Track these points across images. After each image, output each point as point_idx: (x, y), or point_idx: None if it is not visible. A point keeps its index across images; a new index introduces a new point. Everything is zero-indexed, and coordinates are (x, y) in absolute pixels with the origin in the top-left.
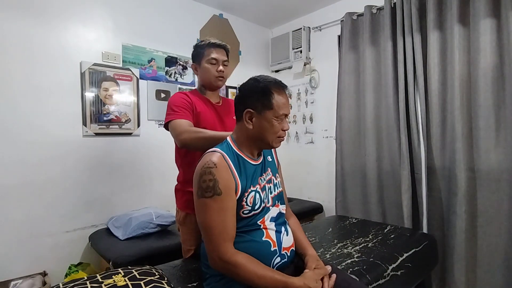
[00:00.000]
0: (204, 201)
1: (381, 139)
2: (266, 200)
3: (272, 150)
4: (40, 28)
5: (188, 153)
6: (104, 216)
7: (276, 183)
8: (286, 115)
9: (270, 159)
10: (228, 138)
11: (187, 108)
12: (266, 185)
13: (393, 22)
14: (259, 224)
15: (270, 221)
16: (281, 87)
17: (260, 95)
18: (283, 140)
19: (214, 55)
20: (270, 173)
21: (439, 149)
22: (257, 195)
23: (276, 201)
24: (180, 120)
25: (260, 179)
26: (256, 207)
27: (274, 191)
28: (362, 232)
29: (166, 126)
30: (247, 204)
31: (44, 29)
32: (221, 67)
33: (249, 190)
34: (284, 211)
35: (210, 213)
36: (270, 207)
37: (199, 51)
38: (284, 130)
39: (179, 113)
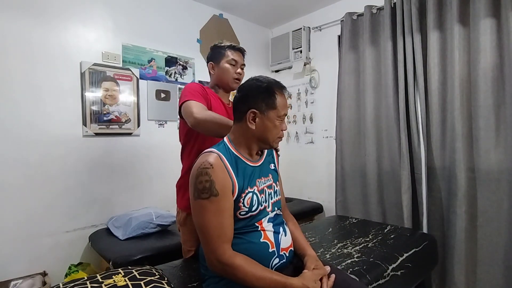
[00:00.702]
0: (201, 203)
1: (381, 139)
2: (266, 204)
3: (275, 157)
4: (40, 28)
5: (197, 142)
6: (104, 216)
7: (276, 190)
8: (285, 115)
9: (273, 167)
10: (225, 139)
11: (204, 97)
12: (266, 189)
13: (393, 22)
14: (257, 225)
15: (268, 222)
16: (282, 87)
17: (265, 96)
18: (281, 140)
19: (234, 57)
20: (271, 179)
21: (439, 149)
22: (254, 196)
23: (275, 208)
24: (196, 101)
25: (258, 181)
26: (253, 208)
27: (275, 197)
28: (362, 232)
29: (180, 111)
30: (244, 205)
31: (44, 29)
32: (239, 70)
33: (246, 191)
34: (280, 213)
35: (207, 215)
36: (269, 212)
37: (219, 51)
38: (283, 131)
39: (196, 96)
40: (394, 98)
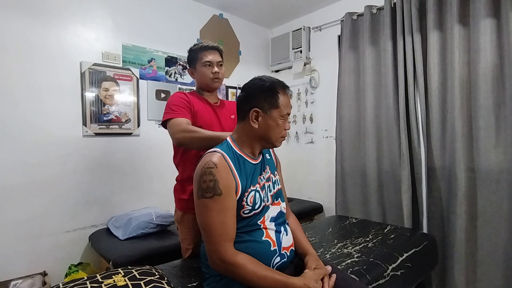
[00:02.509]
0: (204, 202)
1: (381, 139)
2: (265, 199)
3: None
4: (40, 28)
5: (186, 151)
6: (104, 216)
7: (275, 180)
8: (288, 115)
9: (269, 157)
10: (228, 138)
11: (185, 107)
12: (265, 183)
13: (393, 22)
14: (259, 224)
15: (270, 221)
16: (285, 87)
17: (268, 95)
18: (284, 140)
19: (208, 58)
20: (269, 171)
21: (439, 149)
22: (257, 194)
23: (275, 199)
24: (178, 118)
25: (260, 178)
26: (256, 206)
27: (273, 188)
28: (362, 232)
29: (164, 125)
30: (247, 204)
31: (44, 29)
32: (216, 69)
33: (249, 190)
34: (284, 210)
35: (210, 214)
36: (270, 206)
37: (193, 56)
38: (286, 130)
39: (177, 112)
40: (394, 98)
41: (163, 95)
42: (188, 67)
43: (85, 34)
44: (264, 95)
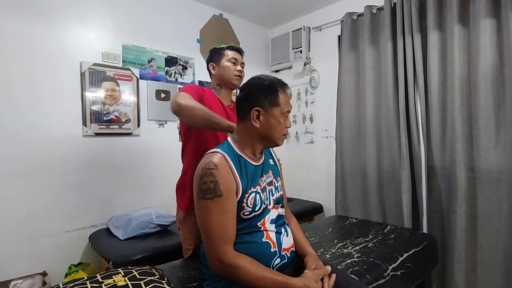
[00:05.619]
0: (204, 203)
1: (381, 139)
2: (267, 202)
3: (272, 152)
4: (40, 28)
5: (192, 144)
6: (104, 216)
7: (277, 186)
8: (289, 112)
9: (272, 162)
10: (229, 139)
11: (197, 93)
12: (267, 186)
13: (393, 22)
14: (259, 225)
15: (270, 223)
16: (284, 85)
17: (268, 93)
18: (286, 138)
19: (234, 56)
20: (272, 175)
21: (439, 149)
22: (258, 196)
23: (276, 204)
24: (185, 93)
25: (261, 180)
26: (257, 208)
27: (276, 193)
28: (362, 232)
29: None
30: (247, 205)
31: (44, 29)
32: (240, 67)
33: (250, 191)
34: (283, 214)
35: (210, 215)
36: (271, 209)
37: (219, 52)
38: (287, 128)
39: (189, 91)
40: (394, 98)
41: (163, 95)
42: (209, 63)
43: (85, 34)
44: (264, 93)
